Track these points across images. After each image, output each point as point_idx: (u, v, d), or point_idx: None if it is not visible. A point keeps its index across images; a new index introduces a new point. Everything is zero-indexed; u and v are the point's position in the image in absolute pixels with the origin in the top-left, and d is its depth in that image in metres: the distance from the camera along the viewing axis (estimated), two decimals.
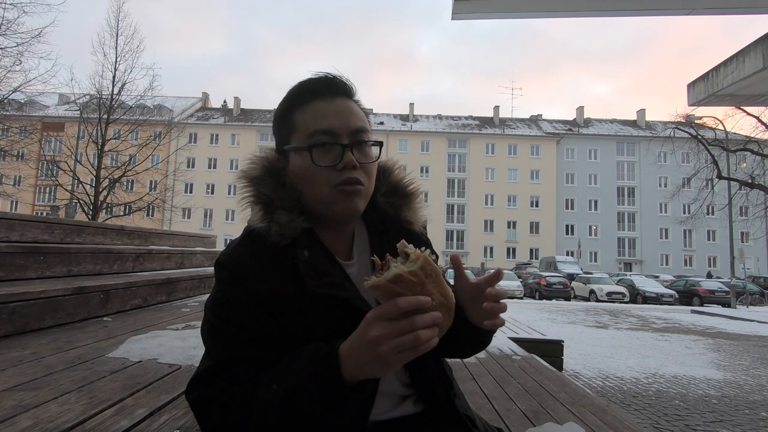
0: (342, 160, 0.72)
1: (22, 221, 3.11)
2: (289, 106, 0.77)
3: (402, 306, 0.55)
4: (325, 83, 0.76)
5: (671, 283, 25.53)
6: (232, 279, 0.70)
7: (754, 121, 17.30)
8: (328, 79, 0.77)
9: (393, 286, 0.56)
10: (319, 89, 0.76)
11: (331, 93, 0.76)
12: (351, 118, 0.75)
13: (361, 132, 0.75)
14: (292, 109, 0.77)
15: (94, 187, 14.44)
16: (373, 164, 0.77)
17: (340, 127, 0.73)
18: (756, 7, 6.07)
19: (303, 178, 0.74)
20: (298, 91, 0.77)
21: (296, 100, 0.77)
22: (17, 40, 11.96)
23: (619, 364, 5.87)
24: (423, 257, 0.59)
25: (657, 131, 27.93)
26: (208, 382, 0.67)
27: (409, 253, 0.60)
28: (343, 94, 0.77)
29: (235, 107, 49.88)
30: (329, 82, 0.77)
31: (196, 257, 5.30)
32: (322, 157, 0.72)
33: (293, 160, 0.76)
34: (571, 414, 1.75)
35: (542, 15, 6.14)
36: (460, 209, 45.62)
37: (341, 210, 0.74)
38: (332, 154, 0.72)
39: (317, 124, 0.73)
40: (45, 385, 1.48)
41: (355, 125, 0.75)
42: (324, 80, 0.77)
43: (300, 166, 0.74)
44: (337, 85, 0.77)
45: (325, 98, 0.75)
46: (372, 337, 0.56)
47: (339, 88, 0.77)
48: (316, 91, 0.76)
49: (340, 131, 0.73)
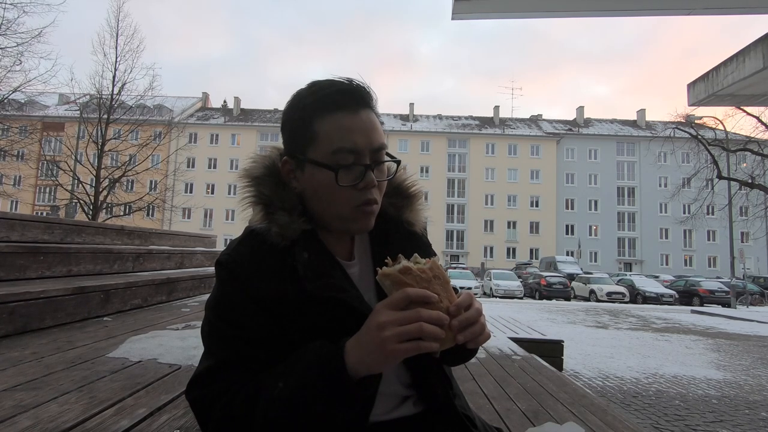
0: (363, 180, 0.71)
1: (22, 221, 3.11)
2: (309, 113, 0.73)
3: (410, 294, 0.58)
4: (350, 94, 0.73)
5: (671, 283, 25.52)
6: (232, 279, 0.70)
7: (754, 121, 17.31)
8: (353, 88, 0.73)
9: (401, 277, 0.61)
10: (343, 100, 0.72)
11: (355, 104, 0.72)
12: (375, 135, 0.73)
13: (381, 150, 0.74)
14: (312, 117, 0.72)
15: (94, 187, 14.43)
16: (387, 180, 0.78)
17: (364, 146, 0.71)
18: (756, 7, 6.07)
19: (322, 195, 0.73)
20: (322, 97, 0.72)
21: (318, 106, 0.72)
22: (17, 40, 11.97)
23: (619, 364, 5.87)
24: (432, 261, 0.65)
25: (657, 131, 27.91)
26: (209, 381, 0.67)
27: (419, 262, 0.65)
28: (366, 105, 0.74)
29: (235, 107, 49.88)
30: (354, 92, 0.73)
31: (196, 257, 5.30)
32: (345, 178, 0.71)
33: (311, 172, 0.73)
34: (571, 414, 1.75)
35: (542, 15, 6.14)
36: (460, 209, 45.62)
37: (356, 228, 0.75)
38: (354, 174, 0.71)
39: (342, 140, 0.70)
40: (45, 385, 1.48)
41: (378, 143, 0.73)
42: (348, 90, 0.73)
43: (320, 183, 0.72)
44: (361, 95, 0.74)
45: (349, 111, 0.71)
46: (377, 323, 0.58)
47: (362, 98, 0.74)
48: (340, 103, 0.72)
49: (364, 150, 0.71)
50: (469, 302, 0.63)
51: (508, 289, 21.98)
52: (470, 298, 0.64)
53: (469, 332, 0.62)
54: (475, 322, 0.62)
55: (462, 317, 0.61)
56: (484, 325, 0.64)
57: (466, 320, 0.61)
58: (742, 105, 13.78)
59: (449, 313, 0.61)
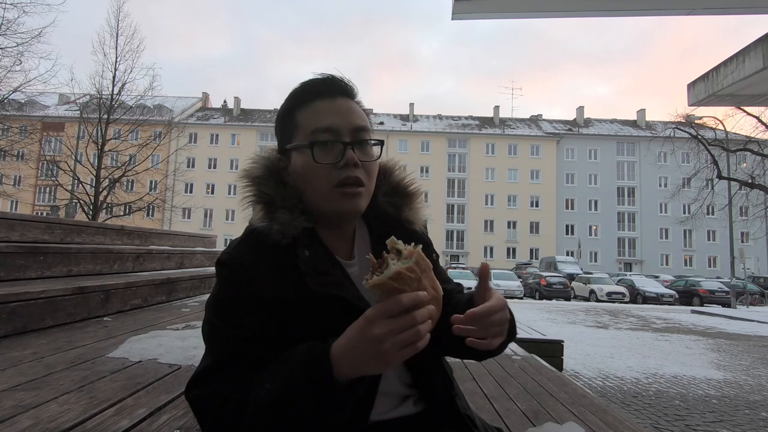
0: (343, 157, 0.72)
1: (22, 221, 3.11)
2: (291, 106, 0.78)
3: (404, 303, 0.56)
4: (326, 83, 0.77)
5: (671, 283, 25.53)
6: (233, 278, 0.70)
7: (754, 121, 17.31)
8: (330, 79, 0.78)
9: (393, 284, 0.57)
10: (320, 89, 0.76)
11: (332, 92, 0.76)
12: (352, 116, 0.75)
13: (362, 130, 0.76)
14: (294, 109, 0.77)
15: (94, 187, 14.44)
16: (374, 163, 0.77)
17: (342, 125, 0.74)
18: (756, 7, 6.07)
19: (304, 176, 0.74)
20: (300, 91, 0.78)
21: (298, 99, 0.77)
22: (17, 40, 11.99)
23: (619, 364, 5.87)
24: (416, 252, 0.59)
25: (657, 131, 27.89)
26: (208, 381, 0.67)
27: (400, 250, 0.60)
28: (344, 93, 0.77)
29: (235, 107, 49.88)
30: (331, 82, 0.77)
31: (196, 257, 5.30)
32: (324, 155, 0.72)
33: (295, 159, 0.76)
34: (571, 414, 1.74)
35: (542, 15, 6.14)
36: (460, 209, 45.61)
37: (342, 210, 0.75)
38: (333, 152, 0.73)
39: (318, 122, 0.74)
40: (45, 385, 1.47)
41: (357, 123, 0.75)
42: (325, 80, 0.77)
43: (301, 165, 0.74)
44: (339, 85, 0.77)
45: (326, 97, 0.76)
46: (375, 335, 0.56)
47: (340, 88, 0.77)
48: (317, 91, 0.76)
49: (342, 129, 0.74)
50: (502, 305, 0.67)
51: (508, 289, 21.96)
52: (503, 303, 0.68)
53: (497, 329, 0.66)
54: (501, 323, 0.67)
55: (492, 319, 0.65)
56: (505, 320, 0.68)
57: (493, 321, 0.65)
58: (742, 105, 13.78)
59: None
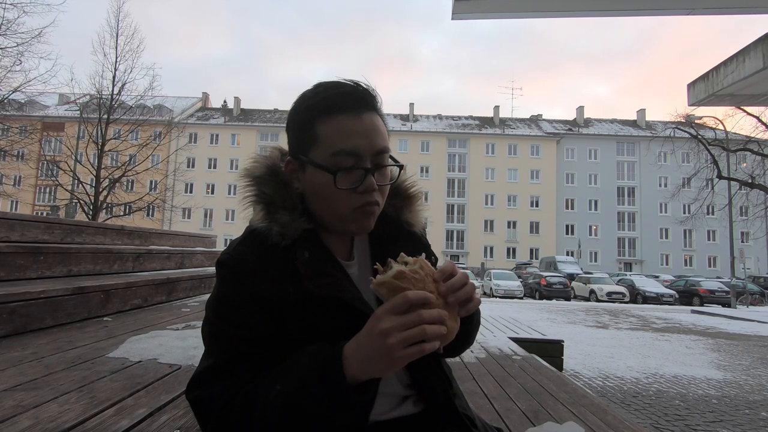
0: (363, 183, 0.71)
1: (22, 221, 3.11)
2: (312, 115, 0.73)
3: (410, 298, 0.58)
4: (352, 96, 0.72)
5: (671, 283, 25.52)
6: (233, 278, 0.70)
7: (754, 121, 17.32)
8: (356, 91, 0.73)
9: (397, 283, 0.59)
10: (346, 103, 0.72)
11: (357, 107, 0.72)
12: (376, 138, 0.72)
13: (383, 153, 0.74)
14: (314, 120, 0.72)
15: (94, 187, 14.44)
16: (389, 185, 0.77)
17: (365, 149, 0.71)
18: (756, 7, 6.07)
19: (321, 195, 0.73)
20: (323, 100, 0.72)
21: (320, 110, 0.72)
22: (17, 40, 11.98)
23: (619, 364, 5.87)
24: (420, 259, 0.64)
25: (657, 131, 27.91)
26: (209, 381, 0.67)
27: (407, 262, 0.64)
28: (369, 108, 0.73)
29: (235, 107, 49.87)
30: (356, 94, 0.73)
31: (196, 257, 5.30)
32: (345, 180, 0.70)
33: (312, 174, 0.73)
34: (571, 414, 1.75)
35: (542, 15, 6.14)
36: (460, 209, 45.61)
37: (355, 229, 0.75)
38: (353, 177, 0.71)
39: (342, 142, 0.70)
40: (45, 385, 1.48)
41: (380, 146, 0.72)
42: (351, 92, 0.73)
43: (319, 185, 0.72)
44: (364, 97, 0.73)
45: (351, 113, 0.71)
46: (381, 330, 0.57)
47: (366, 101, 0.73)
48: (342, 105, 0.71)
49: (364, 153, 0.71)
50: (452, 269, 0.65)
51: (508, 289, 22.00)
52: (453, 265, 0.66)
53: (461, 293, 0.64)
54: (464, 284, 0.65)
55: (449, 283, 0.63)
56: (473, 287, 0.66)
57: (452, 285, 0.63)
58: (742, 105, 13.78)
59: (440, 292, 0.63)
